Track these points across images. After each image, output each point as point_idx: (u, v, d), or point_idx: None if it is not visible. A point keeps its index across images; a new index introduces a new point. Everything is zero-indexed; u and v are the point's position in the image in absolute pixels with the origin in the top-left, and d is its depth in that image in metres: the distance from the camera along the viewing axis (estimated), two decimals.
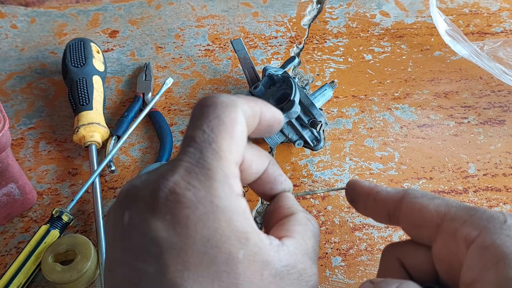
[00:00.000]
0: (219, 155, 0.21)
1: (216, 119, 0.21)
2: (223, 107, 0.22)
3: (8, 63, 0.56)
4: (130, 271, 0.20)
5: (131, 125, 0.47)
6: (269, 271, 0.21)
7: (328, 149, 0.47)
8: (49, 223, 0.39)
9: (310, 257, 0.24)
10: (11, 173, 0.39)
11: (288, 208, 0.26)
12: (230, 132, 0.21)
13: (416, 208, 0.26)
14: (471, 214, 0.24)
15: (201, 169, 0.20)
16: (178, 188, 0.20)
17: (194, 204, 0.20)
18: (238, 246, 0.20)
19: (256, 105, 0.24)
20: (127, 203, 0.21)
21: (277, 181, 0.27)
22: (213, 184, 0.20)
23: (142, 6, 0.64)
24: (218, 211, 0.20)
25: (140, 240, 0.20)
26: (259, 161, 0.26)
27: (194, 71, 0.55)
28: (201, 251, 0.19)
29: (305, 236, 0.24)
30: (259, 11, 0.63)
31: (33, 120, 0.50)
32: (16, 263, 0.36)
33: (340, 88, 0.53)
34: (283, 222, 0.25)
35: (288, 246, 0.23)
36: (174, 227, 0.19)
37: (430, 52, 0.56)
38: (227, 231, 0.20)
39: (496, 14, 0.61)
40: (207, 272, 0.19)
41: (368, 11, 0.62)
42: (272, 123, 0.25)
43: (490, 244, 0.22)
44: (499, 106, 0.50)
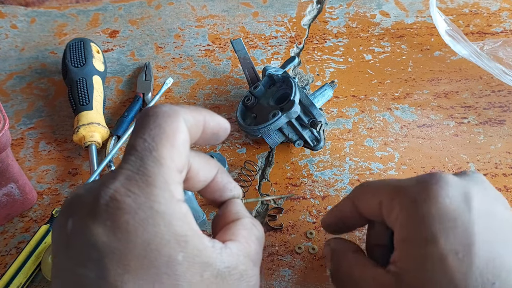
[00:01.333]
0: (160, 163, 0.22)
1: (157, 127, 0.22)
2: (165, 116, 0.23)
3: (8, 63, 0.56)
4: (72, 277, 0.20)
5: (131, 125, 0.47)
6: (210, 272, 0.22)
7: (328, 149, 0.47)
8: (49, 223, 0.39)
9: (252, 259, 0.25)
10: (11, 173, 0.39)
11: (235, 213, 0.28)
12: (171, 141, 0.22)
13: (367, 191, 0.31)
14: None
15: (142, 176, 0.21)
16: (118, 194, 0.21)
17: (134, 210, 0.20)
18: (178, 249, 0.21)
19: (199, 114, 0.25)
20: (71, 211, 0.22)
21: (226, 189, 0.29)
22: (153, 191, 0.21)
23: (142, 6, 0.64)
24: (158, 216, 0.21)
25: (81, 246, 0.20)
26: (206, 169, 0.27)
27: (194, 71, 0.55)
28: (142, 255, 0.20)
29: (249, 240, 0.26)
30: (259, 11, 0.63)
31: (33, 120, 0.50)
32: (16, 263, 0.36)
33: (340, 88, 0.53)
34: (229, 226, 0.27)
35: (231, 249, 0.24)
36: (115, 232, 0.20)
37: (430, 52, 0.56)
38: (166, 235, 0.21)
39: (496, 14, 0.61)
40: (147, 275, 0.20)
41: (368, 11, 0.62)
42: (216, 131, 0.26)
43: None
44: (499, 106, 0.50)
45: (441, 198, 0.26)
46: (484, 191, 0.28)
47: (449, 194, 0.26)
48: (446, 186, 0.26)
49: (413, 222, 0.26)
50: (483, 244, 0.24)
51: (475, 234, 0.25)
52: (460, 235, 0.25)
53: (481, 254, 0.24)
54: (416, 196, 0.27)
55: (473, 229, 0.25)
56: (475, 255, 0.24)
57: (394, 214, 0.28)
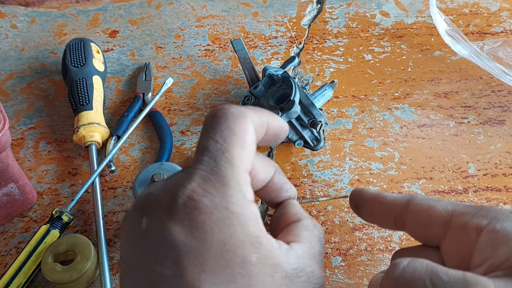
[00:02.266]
0: (232, 164, 0.22)
1: (228, 129, 0.23)
2: (234, 118, 0.23)
3: (8, 63, 0.56)
4: (147, 274, 0.21)
5: (131, 125, 0.47)
6: (280, 273, 0.22)
7: (328, 149, 0.47)
8: (49, 223, 0.39)
9: (317, 261, 0.25)
10: (11, 173, 0.39)
11: (294, 215, 0.28)
12: (241, 142, 0.23)
13: (424, 208, 0.28)
14: (479, 208, 0.26)
15: (216, 177, 0.22)
16: (195, 194, 0.21)
17: (211, 210, 0.21)
18: (252, 250, 0.21)
19: (263, 115, 0.25)
20: (146, 209, 0.22)
21: (283, 189, 0.29)
22: (227, 191, 0.22)
23: (142, 6, 0.64)
24: (233, 217, 0.21)
25: (158, 244, 0.21)
26: (266, 169, 0.28)
27: (194, 71, 0.55)
28: (218, 255, 0.20)
29: (312, 241, 0.26)
30: (259, 11, 0.63)
31: (33, 120, 0.50)
32: (16, 263, 0.36)
33: (340, 88, 0.53)
34: (291, 227, 0.27)
35: (296, 250, 0.24)
36: (192, 232, 0.20)
37: (430, 52, 0.56)
38: (241, 235, 0.21)
39: (496, 14, 0.61)
40: (223, 275, 0.20)
41: (368, 11, 0.62)
42: (278, 132, 0.27)
43: (500, 229, 0.24)
44: (499, 106, 0.50)
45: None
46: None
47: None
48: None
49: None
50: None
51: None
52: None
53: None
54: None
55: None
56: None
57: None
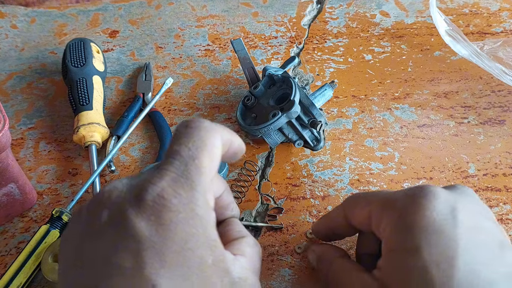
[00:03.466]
0: (201, 171, 0.24)
1: (200, 140, 0.25)
2: (207, 131, 0.25)
3: (8, 63, 0.56)
4: (104, 266, 0.21)
5: (131, 125, 0.47)
6: (228, 278, 0.24)
7: (328, 149, 0.47)
8: (49, 223, 0.39)
9: (256, 273, 0.28)
10: (11, 173, 0.39)
11: (238, 231, 0.30)
12: (210, 153, 0.25)
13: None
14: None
15: (186, 180, 0.23)
16: (165, 193, 0.22)
17: (178, 209, 0.22)
18: (209, 252, 0.23)
19: (229, 134, 0.27)
20: (107, 202, 0.23)
21: (229, 207, 0.31)
22: (195, 195, 0.23)
23: (142, 6, 0.64)
24: (197, 218, 0.23)
25: (118, 237, 0.21)
26: (217, 186, 0.29)
27: (194, 71, 0.55)
28: (178, 252, 0.21)
29: (254, 257, 0.28)
30: (259, 11, 0.63)
31: (33, 120, 0.50)
32: (16, 263, 0.36)
33: (340, 88, 0.53)
34: (234, 243, 0.28)
35: (241, 262, 0.26)
36: (157, 228, 0.21)
37: (430, 52, 0.56)
38: (201, 237, 0.23)
39: (496, 14, 0.61)
40: (180, 272, 0.21)
41: (368, 11, 0.62)
42: (237, 151, 0.29)
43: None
44: (499, 106, 0.50)
45: (428, 211, 0.27)
46: (471, 206, 0.28)
47: (436, 207, 0.27)
48: (433, 200, 0.27)
49: (400, 233, 0.27)
50: (466, 257, 0.25)
51: (459, 247, 0.25)
52: (443, 248, 0.25)
53: (462, 267, 0.25)
54: (403, 208, 0.27)
55: (457, 242, 0.25)
56: (457, 268, 0.25)
57: (383, 225, 0.29)
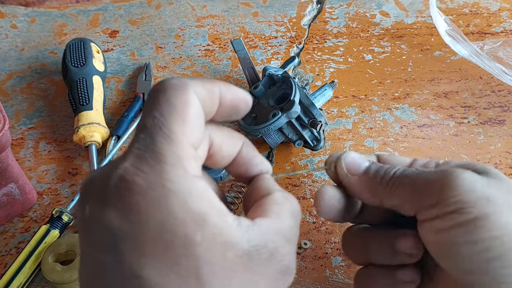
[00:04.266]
0: (170, 138, 0.20)
1: (166, 102, 0.21)
2: (173, 89, 0.21)
3: (8, 63, 0.56)
4: (92, 263, 0.20)
5: (131, 125, 0.47)
6: (234, 252, 0.20)
7: (328, 149, 0.47)
8: (49, 223, 0.39)
9: (285, 236, 0.23)
10: (11, 173, 0.39)
11: (264, 189, 0.26)
12: (182, 115, 0.21)
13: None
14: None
15: (151, 154, 0.20)
16: (127, 174, 0.20)
17: (144, 189, 0.19)
18: (195, 228, 0.19)
19: (213, 86, 0.23)
20: (86, 196, 0.21)
21: (252, 163, 0.27)
22: (164, 168, 0.20)
23: (142, 6, 0.64)
24: (171, 194, 0.19)
25: (97, 231, 0.20)
26: (230, 143, 0.26)
27: (194, 71, 0.55)
28: (156, 237, 0.19)
29: (282, 215, 0.24)
30: (259, 11, 0.63)
31: (33, 120, 0.50)
32: (16, 263, 0.36)
33: (340, 88, 0.53)
34: (259, 203, 0.25)
35: (259, 226, 0.22)
36: (126, 215, 0.19)
37: (430, 52, 0.56)
38: (181, 214, 0.19)
39: (496, 14, 0.61)
40: (164, 258, 0.19)
41: (368, 11, 0.62)
42: (236, 103, 0.25)
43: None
44: (499, 106, 0.50)
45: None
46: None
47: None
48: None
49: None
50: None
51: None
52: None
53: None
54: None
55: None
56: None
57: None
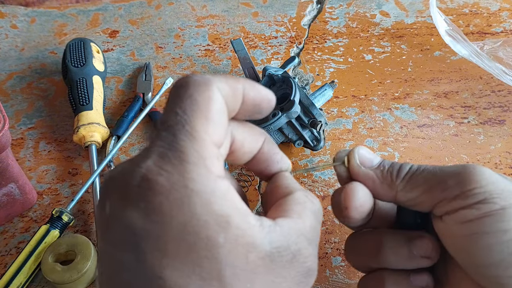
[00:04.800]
0: (193, 136, 0.20)
1: (189, 99, 0.21)
2: (196, 85, 0.21)
3: (8, 63, 0.56)
4: (112, 261, 0.20)
5: (131, 125, 0.47)
6: (256, 253, 0.20)
7: (328, 149, 0.47)
8: (49, 223, 0.39)
9: (307, 237, 0.22)
10: (11, 173, 0.39)
11: (285, 188, 0.25)
12: (205, 112, 0.21)
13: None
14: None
15: (174, 153, 0.20)
16: (150, 174, 0.19)
17: (167, 189, 0.19)
18: (218, 230, 0.19)
19: (236, 82, 0.23)
20: (107, 194, 0.21)
21: (273, 160, 0.27)
22: (186, 167, 0.19)
23: (142, 6, 0.64)
24: (193, 195, 0.19)
25: (118, 230, 0.19)
26: (251, 139, 0.26)
27: (194, 71, 0.55)
28: (178, 238, 0.19)
29: (303, 215, 0.23)
30: (259, 11, 0.63)
31: (33, 120, 0.50)
32: (16, 263, 0.36)
33: (340, 88, 0.53)
34: (280, 202, 0.24)
35: (281, 227, 0.22)
36: (149, 215, 0.19)
37: (430, 52, 0.56)
38: (204, 215, 0.19)
39: (496, 14, 0.61)
40: (186, 259, 0.19)
41: (368, 11, 0.62)
42: (258, 101, 0.24)
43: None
44: (499, 106, 0.50)
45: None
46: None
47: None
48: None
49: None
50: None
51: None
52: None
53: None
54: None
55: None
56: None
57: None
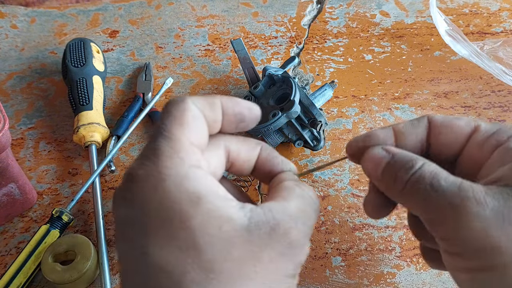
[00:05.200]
0: (169, 137, 0.23)
1: (167, 113, 0.24)
2: (173, 103, 0.25)
3: (8, 63, 0.56)
4: (119, 253, 0.23)
5: (131, 125, 0.47)
6: (231, 225, 0.22)
7: (328, 149, 0.47)
8: (49, 223, 0.39)
9: (289, 214, 0.24)
10: (11, 173, 0.39)
11: (278, 181, 0.28)
12: (179, 120, 0.24)
13: (448, 125, 0.28)
14: (499, 126, 0.27)
15: (152, 151, 0.23)
16: (132, 170, 0.23)
17: (145, 177, 0.22)
18: (190, 204, 0.22)
19: (213, 97, 0.26)
20: (114, 199, 0.24)
21: (273, 163, 0.29)
22: (161, 158, 0.23)
23: (142, 6, 0.64)
24: (167, 179, 0.22)
25: (117, 224, 0.23)
26: (247, 149, 0.28)
27: (194, 71, 0.55)
28: (156, 215, 0.22)
29: (288, 198, 0.25)
30: (259, 11, 0.63)
31: (33, 120, 0.50)
32: (16, 263, 0.36)
33: (340, 88, 0.53)
34: (271, 191, 0.27)
35: (263, 208, 0.23)
36: (133, 202, 0.22)
37: (430, 52, 0.56)
38: (176, 192, 0.22)
39: (496, 14, 0.61)
40: (164, 233, 0.21)
41: (368, 11, 0.62)
42: (238, 111, 0.26)
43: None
44: (499, 106, 0.50)
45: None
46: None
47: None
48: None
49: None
50: None
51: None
52: None
53: None
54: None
55: None
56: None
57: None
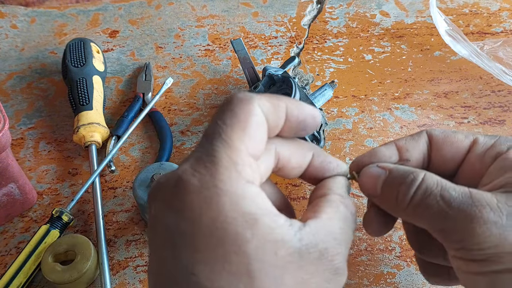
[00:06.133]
0: (228, 144, 0.22)
1: (229, 112, 0.22)
2: (238, 101, 0.23)
3: (8, 63, 0.56)
4: (155, 258, 0.22)
5: (131, 125, 0.47)
6: (286, 249, 0.21)
7: (328, 149, 0.47)
8: (49, 223, 0.39)
9: (335, 237, 0.23)
10: (11, 173, 0.39)
11: (325, 189, 0.27)
12: (242, 124, 0.22)
13: (447, 140, 0.29)
14: (496, 138, 0.28)
15: (208, 157, 0.21)
16: (184, 175, 0.21)
17: (199, 188, 0.21)
18: (246, 226, 0.20)
19: (279, 100, 0.24)
20: (153, 197, 0.23)
21: (328, 169, 0.28)
22: (218, 170, 0.21)
23: (142, 6, 0.64)
24: (222, 194, 0.21)
25: (159, 229, 0.21)
26: (299, 155, 0.27)
27: (194, 71, 0.55)
28: (208, 234, 0.20)
29: (334, 217, 0.24)
30: (259, 11, 0.63)
31: (33, 120, 0.50)
32: (16, 263, 0.36)
33: (340, 88, 0.53)
34: (316, 202, 0.26)
35: (310, 226, 0.23)
36: (182, 213, 0.21)
37: (430, 52, 0.56)
38: (232, 212, 0.20)
39: (496, 14, 0.61)
40: (215, 254, 0.20)
41: (368, 11, 0.62)
42: (302, 118, 0.25)
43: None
44: (499, 106, 0.50)
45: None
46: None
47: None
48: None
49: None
50: None
51: None
52: None
53: None
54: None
55: None
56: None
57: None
